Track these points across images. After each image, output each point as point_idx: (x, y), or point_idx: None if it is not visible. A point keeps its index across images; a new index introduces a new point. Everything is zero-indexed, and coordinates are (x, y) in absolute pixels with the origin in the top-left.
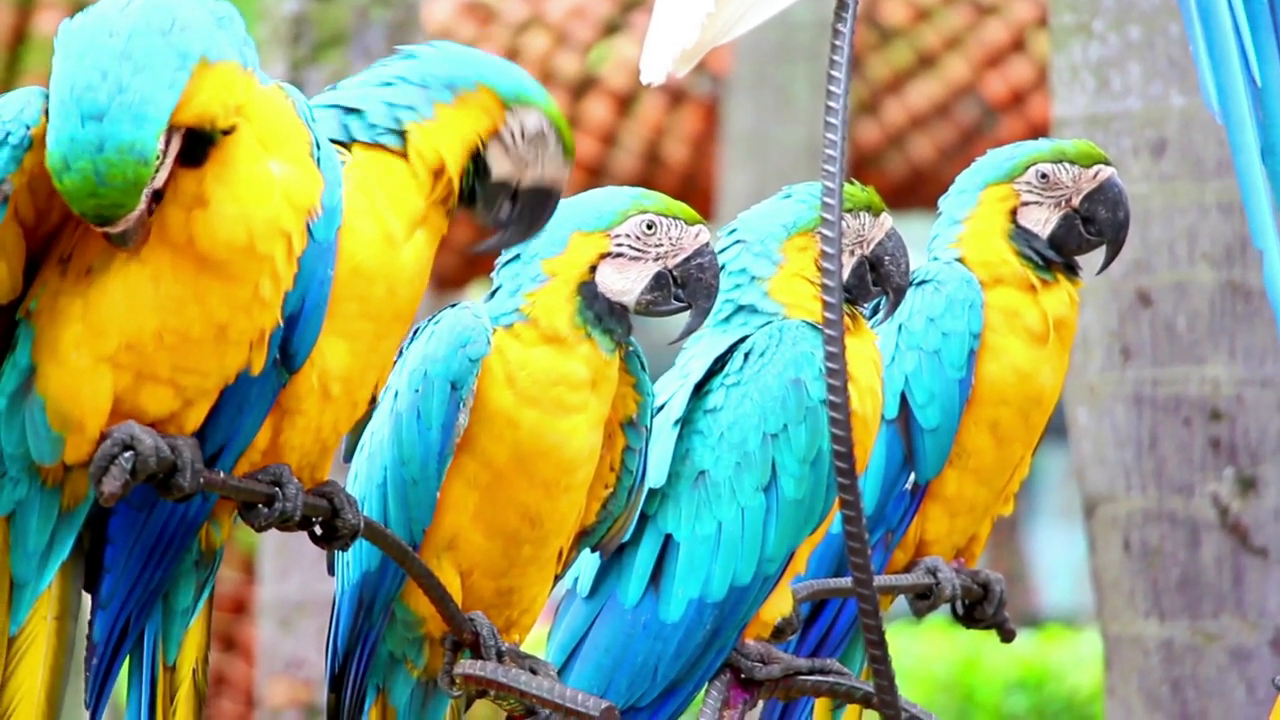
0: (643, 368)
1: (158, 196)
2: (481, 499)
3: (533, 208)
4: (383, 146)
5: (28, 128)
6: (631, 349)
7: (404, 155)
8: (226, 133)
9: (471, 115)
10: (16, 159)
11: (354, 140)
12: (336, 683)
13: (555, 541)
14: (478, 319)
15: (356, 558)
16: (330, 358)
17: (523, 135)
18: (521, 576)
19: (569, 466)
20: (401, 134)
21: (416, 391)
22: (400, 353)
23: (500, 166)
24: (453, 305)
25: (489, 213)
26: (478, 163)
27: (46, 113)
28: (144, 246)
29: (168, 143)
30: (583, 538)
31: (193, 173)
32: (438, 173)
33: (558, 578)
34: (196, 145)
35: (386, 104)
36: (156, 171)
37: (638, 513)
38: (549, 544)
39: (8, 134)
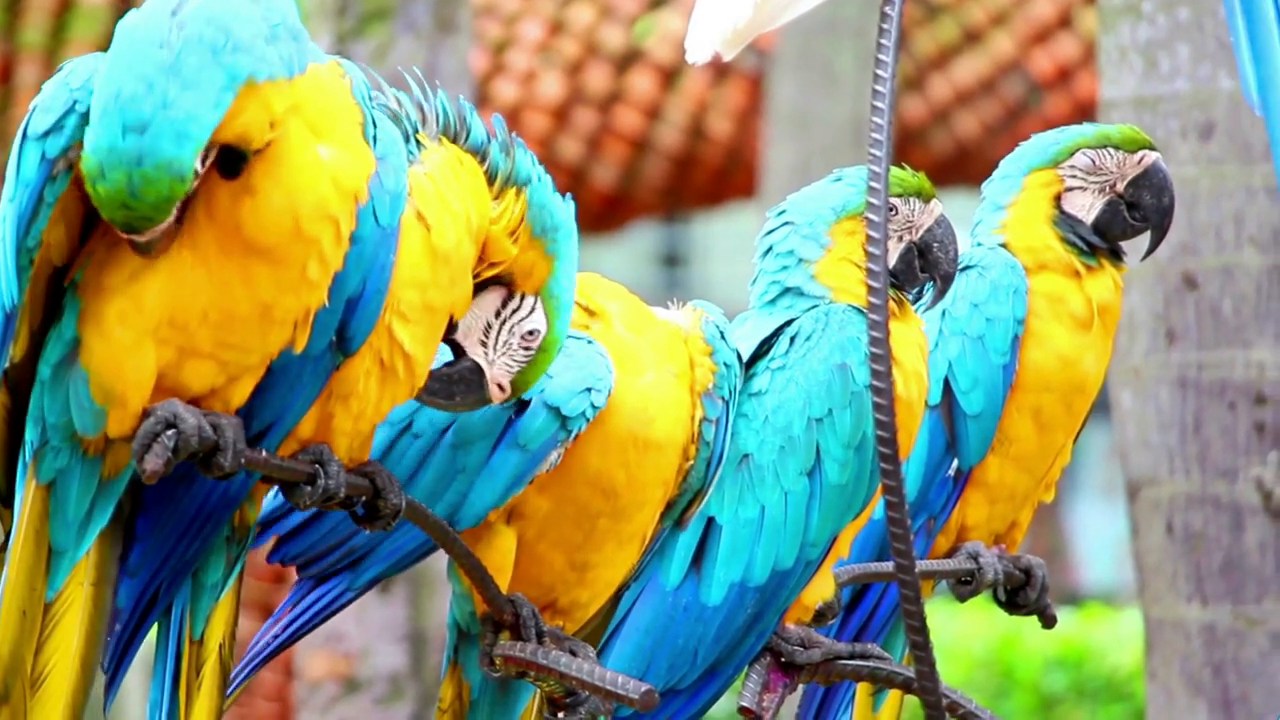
0: (721, 336)
1: (183, 207)
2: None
3: None
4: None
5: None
6: (709, 318)
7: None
8: (259, 151)
9: None
10: (84, 127)
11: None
12: None
13: (636, 516)
14: (604, 357)
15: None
16: (400, 337)
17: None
18: (597, 552)
19: (644, 425)
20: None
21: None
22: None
23: None
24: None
25: None
26: None
27: None
28: (184, 234)
29: (205, 158)
30: (665, 514)
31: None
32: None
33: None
34: (231, 159)
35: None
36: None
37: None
38: (629, 517)
39: (75, 102)
